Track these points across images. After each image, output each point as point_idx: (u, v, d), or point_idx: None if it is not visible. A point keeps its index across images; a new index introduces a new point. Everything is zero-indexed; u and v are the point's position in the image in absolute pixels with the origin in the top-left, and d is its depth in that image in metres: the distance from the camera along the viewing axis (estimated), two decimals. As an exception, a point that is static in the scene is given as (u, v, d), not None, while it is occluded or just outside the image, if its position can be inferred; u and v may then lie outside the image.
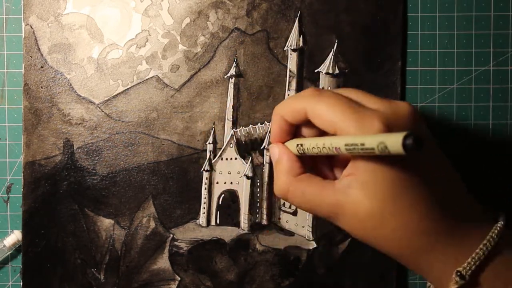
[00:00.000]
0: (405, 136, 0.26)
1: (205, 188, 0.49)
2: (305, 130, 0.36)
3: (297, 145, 0.35)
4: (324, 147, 0.32)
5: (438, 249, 0.31)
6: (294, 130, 0.36)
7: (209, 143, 0.49)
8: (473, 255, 0.31)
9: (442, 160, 0.33)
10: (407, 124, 0.31)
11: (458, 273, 0.31)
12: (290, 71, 0.49)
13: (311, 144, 0.34)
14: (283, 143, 0.37)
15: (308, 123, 0.34)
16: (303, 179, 0.35)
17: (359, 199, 0.31)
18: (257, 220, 0.49)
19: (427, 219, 0.31)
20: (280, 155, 0.36)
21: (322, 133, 0.34)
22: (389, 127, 0.30)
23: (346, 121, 0.31)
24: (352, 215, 0.32)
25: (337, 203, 0.32)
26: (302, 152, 0.35)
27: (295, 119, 0.35)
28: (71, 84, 0.48)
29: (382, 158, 0.30)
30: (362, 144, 0.29)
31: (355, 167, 0.32)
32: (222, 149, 0.49)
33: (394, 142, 0.26)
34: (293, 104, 0.35)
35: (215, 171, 0.49)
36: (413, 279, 0.50)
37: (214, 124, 0.49)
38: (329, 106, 0.32)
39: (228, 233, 0.49)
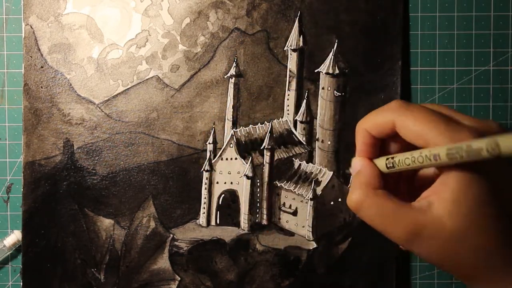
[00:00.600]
0: None
1: (205, 188, 0.49)
2: (390, 147, 0.35)
3: (387, 158, 0.34)
4: (420, 156, 0.31)
5: None
6: (380, 145, 0.35)
7: (209, 143, 0.49)
8: None
9: None
10: None
11: None
12: (290, 71, 0.49)
13: (405, 155, 0.32)
14: (370, 159, 0.35)
15: (393, 137, 0.33)
16: (381, 194, 0.33)
17: (442, 217, 0.30)
18: (257, 220, 0.49)
19: (505, 238, 0.30)
20: (362, 167, 0.35)
21: (408, 148, 0.33)
22: None
23: (439, 134, 0.30)
24: (433, 235, 0.30)
25: (417, 223, 0.31)
26: (392, 165, 0.33)
27: (381, 133, 0.34)
28: (71, 84, 0.48)
29: (476, 173, 0.29)
30: (469, 146, 0.28)
31: (442, 184, 0.31)
32: (222, 149, 0.49)
33: (507, 140, 0.26)
34: (379, 118, 0.33)
35: (215, 171, 0.49)
36: (413, 279, 0.50)
37: (214, 124, 0.49)
38: (419, 118, 0.31)
39: (228, 233, 0.49)
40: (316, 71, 0.49)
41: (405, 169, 0.33)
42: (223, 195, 0.50)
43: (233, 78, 0.48)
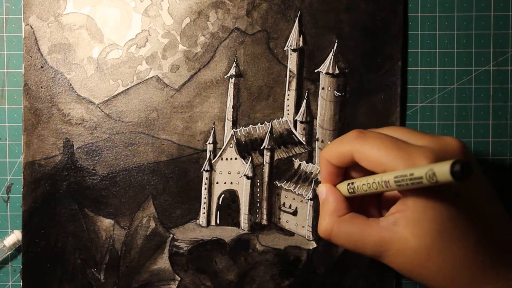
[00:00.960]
0: (453, 163, 0.26)
1: (205, 188, 0.49)
2: (353, 172, 0.37)
3: (348, 184, 0.36)
4: (374, 182, 0.32)
5: (484, 284, 0.31)
6: (343, 172, 0.37)
7: (209, 143, 0.49)
8: None
9: (489, 192, 0.33)
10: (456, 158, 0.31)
11: None
12: (290, 71, 0.49)
13: (361, 181, 0.34)
14: (334, 185, 0.37)
15: (356, 165, 0.35)
16: (347, 219, 0.35)
17: (406, 236, 0.31)
18: (257, 220, 0.49)
19: (474, 253, 0.31)
20: (327, 195, 0.36)
21: (370, 174, 0.34)
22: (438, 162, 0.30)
23: (394, 160, 0.31)
24: (399, 252, 0.32)
25: (383, 240, 0.32)
26: (352, 191, 0.35)
27: (342, 163, 0.35)
28: (71, 84, 0.48)
29: (430, 194, 0.30)
30: (411, 174, 0.29)
31: (403, 204, 0.32)
32: (222, 149, 0.49)
33: (442, 169, 0.26)
34: (338, 148, 0.35)
35: (215, 171, 0.49)
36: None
37: (214, 124, 0.49)
38: (374, 147, 0.32)
39: (228, 233, 0.49)
40: (316, 71, 0.49)
41: (364, 194, 0.34)
42: (223, 195, 0.50)
43: (233, 78, 0.48)
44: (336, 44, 0.48)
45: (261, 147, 0.49)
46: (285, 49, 0.48)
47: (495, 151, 0.49)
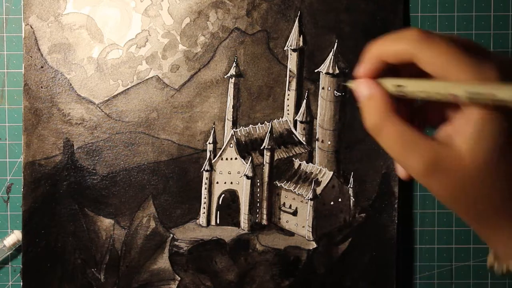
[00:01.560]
0: None
1: (205, 188, 0.49)
2: (402, 70, 0.33)
3: (397, 85, 0.31)
4: (437, 93, 0.29)
5: None
6: (387, 70, 0.33)
7: (209, 143, 0.49)
8: None
9: None
10: None
11: None
12: (290, 71, 0.49)
13: (417, 87, 0.30)
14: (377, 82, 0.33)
15: (405, 66, 0.32)
16: (400, 120, 0.31)
17: (463, 153, 0.29)
18: (257, 220, 0.49)
19: None
20: (372, 90, 0.33)
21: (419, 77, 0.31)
22: (508, 79, 0.28)
23: (462, 67, 0.28)
24: (451, 170, 0.29)
25: (436, 154, 0.30)
26: (401, 93, 0.31)
27: (397, 61, 0.32)
28: (71, 84, 0.48)
29: (502, 113, 0.28)
30: (493, 96, 0.26)
31: (465, 120, 0.29)
32: (222, 149, 0.49)
33: None
34: (396, 46, 0.32)
35: (215, 171, 0.49)
36: (414, 279, 0.50)
37: (214, 124, 0.49)
38: (442, 50, 0.29)
39: (228, 233, 0.49)
40: (316, 71, 0.49)
41: (418, 97, 0.31)
42: (223, 195, 0.50)
43: (233, 78, 0.48)
44: (336, 44, 0.48)
45: (261, 147, 0.49)
46: (285, 49, 0.48)
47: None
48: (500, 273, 0.32)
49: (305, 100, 0.49)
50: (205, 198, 0.49)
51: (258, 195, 0.49)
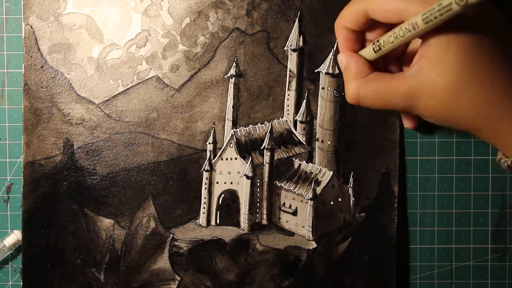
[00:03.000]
0: None
1: (205, 188, 0.49)
2: (369, 35, 0.37)
3: (373, 43, 0.36)
4: (400, 30, 0.32)
5: None
6: (360, 38, 0.37)
7: (209, 143, 0.49)
8: None
9: (503, 21, 0.33)
10: None
11: None
12: (290, 71, 0.49)
13: (387, 35, 0.34)
14: (354, 52, 0.37)
15: (371, 27, 0.35)
16: (372, 78, 0.35)
17: (433, 78, 0.31)
18: (257, 220, 0.49)
19: (505, 83, 0.30)
20: (347, 61, 0.36)
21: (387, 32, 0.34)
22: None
23: (411, 3, 0.31)
24: (429, 96, 0.32)
25: (412, 89, 0.32)
26: (378, 48, 0.35)
27: (357, 24, 0.35)
28: (71, 84, 0.48)
29: (451, 28, 0.30)
30: (440, 5, 0.29)
31: (425, 48, 0.32)
32: (222, 149, 0.49)
33: None
34: (350, 9, 0.35)
35: (215, 171, 0.49)
36: (413, 279, 0.50)
37: (214, 124, 0.49)
38: None
39: (228, 233, 0.49)
40: (316, 71, 0.49)
41: (391, 47, 0.34)
42: (223, 195, 0.50)
43: (233, 78, 0.48)
44: (336, 44, 0.48)
45: (261, 147, 0.49)
46: (285, 49, 0.48)
47: (494, 150, 0.49)
48: (504, 168, 0.35)
49: (305, 100, 0.49)
50: (205, 198, 0.49)
51: (258, 195, 0.49)
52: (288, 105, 0.49)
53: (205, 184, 0.49)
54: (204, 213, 0.49)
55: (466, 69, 0.30)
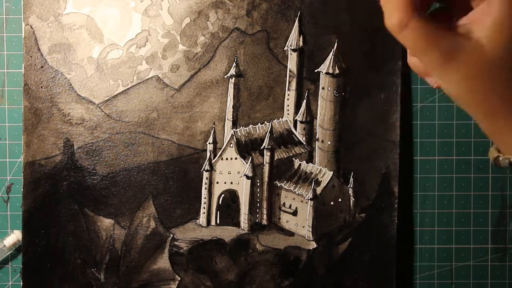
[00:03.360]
0: None
1: (205, 188, 0.49)
2: None
3: None
4: None
5: None
6: None
7: (209, 143, 0.49)
8: None
9: None
10: None
11: None
12: (290, 71, 0.49)
13: None
14: None
15: None
16: (424, 15, 0.31)
17: (482, 43, 0.30)
18: (257, 220, 0.49)
19: None
20: None
21: None
22: None
23: None
24: (470, 60, 0.30)
25: (455, 45, 0.30)
26: None
27: None
28: (71, 84, 0.48)
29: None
30: None
31: (480, 12, 0.30)
32: (222, 149, 0.49)
33: None
34: None
35: (215, 171, 0.49)
36: (414, 279, 0.50)
37: (214, 124, 0.49)
38: None
39: (228, 233, 0.49)
40: (316, 71, 0.49)
41: None
42: (223, 195, 0.50)
43: (233, 78, 0.48)
44: (336, 44, 0.48)
45: (261, 147, 0.49)
46: (285, 49, 0.48)
47: (495, 151, 0.49)
48: (505, 166, 0.33)
49: (305, 100, 0.49)
50: (205, 198, 0.49)
51: (258, 195, 0.49)
52: (288, 105, 0.49)
53: (205, 184, 0.49)
54: (204, 213, 0.49)
55: None
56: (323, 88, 0.49)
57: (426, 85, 0.49)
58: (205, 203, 0.49)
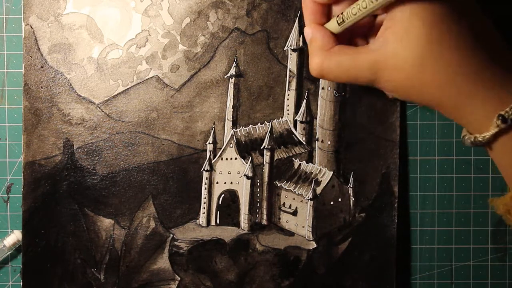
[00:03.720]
0: None
1: (205, 188, 0.49)
2: (336, 9, 0.37)
3: (337, 16, 0.35)
4: (363, 1, 0.32)
5: (481, 92, 0.31)
6: (327, 12, 0.37)
7: (209, 143, 0.49)
8: None
9: (475, 6, 0.32)
10: None
11: (500, 117, 0.30)
12: (290, 71, 0.49)
13: (350, 7, 0.34)
14: (320, 24, 0.37)
15: (337, 0, 0.35)
16: (336, 50, 0.35)
17: (397, 51, 0.31)
18: (257, 220, 0.49)
19: (470, 59, 0.30)
20: (313, 33, 0.36)
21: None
22: None
23: None
24: (393, 69, 0.32)
25: (375, 62, 0.32)
26: (342, 20, 0.35)
27: None
28: (71, 84, 0.48)
29: (416, 2, 0.30)
30: None
31: (390, 20, 0.32)
32: (222, 149, 0.49)
33: None
34: None
35: (215, 171, 0.49)
36: (413, 279, 0.50)
37: (214, 124, 0.49)
38: None
39: (228, 233, 0.49)
40: (316, 71, 0.49)
41: (355, 19, 0.34)
42: (223, 195, 0.50)
43: (233, 78, 0.48)
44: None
45: (261, 147, 0.49)
46: (285, 49, 0.48)
47: (495, 151, 0.49)
48: (468, 145, 0.33)
49: (305, 100, 0.49)
50: (205, 198, 0.49)
51: (258, 195, 0.49)
52: (288, 105, 0.49)
53: (205, 184, 0.49)
54: (204, 213, 0.49)
55: (430, 42, 0.30)
56: (323, 88, 0.49)
57: (426, 85, 0.49)
58: (205, 203, 0.49)
